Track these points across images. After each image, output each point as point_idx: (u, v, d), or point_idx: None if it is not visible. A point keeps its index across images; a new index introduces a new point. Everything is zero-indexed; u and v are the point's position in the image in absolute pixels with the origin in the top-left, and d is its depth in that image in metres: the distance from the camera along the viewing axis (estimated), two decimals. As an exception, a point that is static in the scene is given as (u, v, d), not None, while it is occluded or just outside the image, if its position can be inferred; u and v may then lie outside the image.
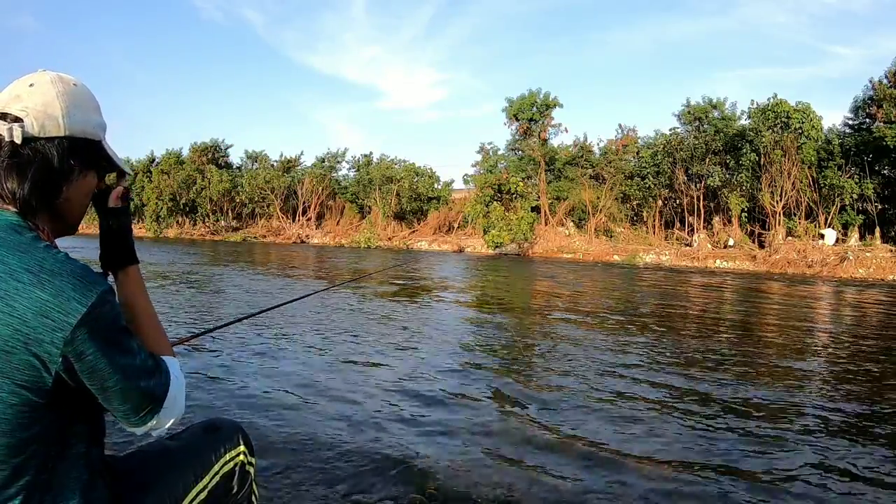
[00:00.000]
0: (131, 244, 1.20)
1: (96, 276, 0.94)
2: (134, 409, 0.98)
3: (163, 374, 1.04)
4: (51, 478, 0.93)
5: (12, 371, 0.86)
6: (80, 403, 0.95)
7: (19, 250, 0.90)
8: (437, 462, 2.94)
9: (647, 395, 4.28)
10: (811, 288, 14.90)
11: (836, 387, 4.74)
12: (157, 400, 1.01)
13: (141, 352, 1.00)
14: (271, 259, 19.63)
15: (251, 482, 1.38)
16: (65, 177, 1.00)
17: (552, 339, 6.47)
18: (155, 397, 1.01)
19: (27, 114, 0.96)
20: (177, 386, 1.07)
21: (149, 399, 1.00)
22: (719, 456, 3.16)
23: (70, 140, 0.99)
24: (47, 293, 0.87)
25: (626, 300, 10.97)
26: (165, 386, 1.03)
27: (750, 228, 25.54)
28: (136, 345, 0.99)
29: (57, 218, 1.02)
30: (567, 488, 2.71)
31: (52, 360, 0.87)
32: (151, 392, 1.00)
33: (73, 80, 1.04)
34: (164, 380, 1.03)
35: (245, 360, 4.98)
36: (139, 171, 39.89)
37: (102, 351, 0.91)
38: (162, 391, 1.02)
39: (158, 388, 1.02)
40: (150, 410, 1.01)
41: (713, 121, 27.78)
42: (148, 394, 0.99)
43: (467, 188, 34.07)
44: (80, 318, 0.88)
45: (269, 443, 3.06)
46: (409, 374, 4.70)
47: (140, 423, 1.01)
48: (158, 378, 1.02)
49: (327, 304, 8.51)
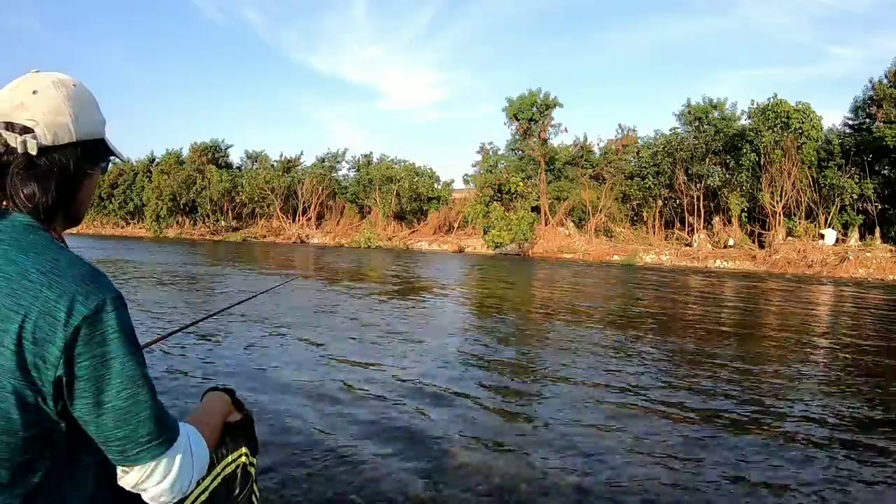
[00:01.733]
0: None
1: (106, 280, 0.93)
2: (133, 436, 0.89)
3: (168, 417, 0.95)
4: (58, 480, 0.92)
5: (19, 370, 0.86)
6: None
7: (34, 251, 0.90)
8: (438, 462, 2.94)
9: (647, 395, 4.28)
10: (811, 288, 14.89)
11: (836, 387, 4.73)
12: (166, 430, 0.93)
13: (144, 371, 0.93)
14: (271, 259, 19.63)
15: (252, 483, 1.38)
16: (79, 181, 1.01)
17: (552, 339, 6.47)
18: (163, 427, 0.93)
19: (37, 123, 0.94)
20: (195, 443, 1.01)
21: (154, 426, 0.91)
22: (719, 456, 3.16)
23: (82, 145, 0.99)
24: (54, 293, 0.87)
25: (626, 300, 10.97)
26: (176, 425, 0.96)
27: (750, 228, 25.52)
28: (141, 359, 0.93)
29: (68, 217, 1.03)
30: (568, 488, 2.71)
31: (53, 362, 0.86)
32: (159, 419, 0.92)
33: (71, 80, 1.03)
34: (173, 421, 0.96)
35: (245, 360, 4.98)
36: (139, 170, 39.88)
37: (103, 356, 0.88)
38: (173, 424, 0.95)
39: (169, 420, 0.94)
40: (153, 442, 0.91)
41: (713, 121, 27.77)
42: (155, 418, 0.91)
43: (467, 188, 34.04)
44: (81, 321, 0.87)
45: (270, 443, 3.06)
46: (408, 373, 4.70)
47: (138, 457, 0.90)
48: (166, 413, 0.95)
49: (327, 305, 8.51)
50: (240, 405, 1.39)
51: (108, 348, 0.89)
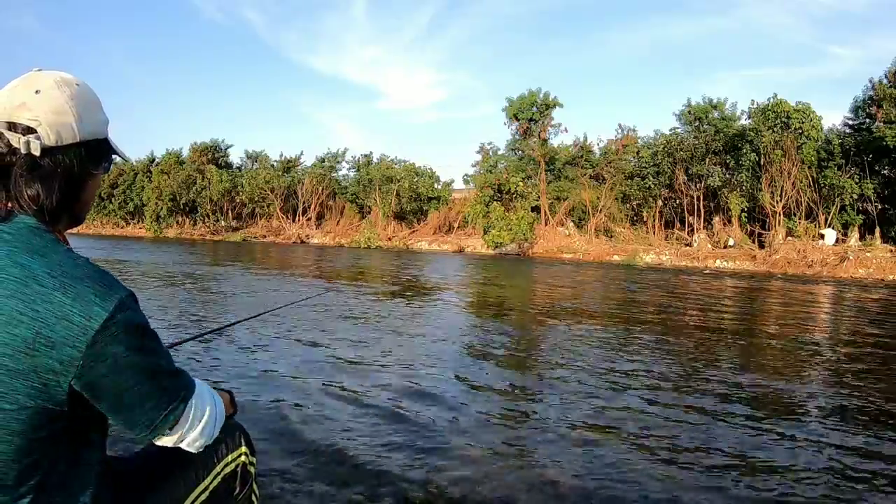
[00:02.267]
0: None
1: (117, 281, 0.94)
2: (154, 409, 0.97)
3: (187, 377, 1.04)
4: (61, 479, 0.93)
5: (31, 373, 0.86)
6: (93, 408, 0.94)
7: (40, 254, 0.90)
8: (438, 461, 2.94)
9: (647, 395, 4.28)
10: (811, 288, 14.90)
11: (836, 386, 4.73)
12: (181, 399, 1.01)
13: (165, 356, 1.00)
14: (271, 259, 19.63)
15: (252, 482, 1.39)
16: (83, 182, 1.01)
17: (552, 339, 6.47)
18: (178, 395, 1.00)
19: (39, 123, 0.93)
20: (205, 395, 1.08)
21: (171, 396, 0.99)
22: (720, 456, 3.16)
23: (85, 146, 0.99)
24: (69, 297, 0.87)
25: (626, 300, 10.97)
26: (190, 388, 1.04)
27: (750, 228, 25.53)
28: (159, 348, 0.99)
29: (71, 218, 1.02)
30: (568, 488, 2.71)
31: (71, 364, 0.87)
32: (175, 390, 1.00)
33: (74, 79, 1.02)
34: (188, 381, 1.04)
35: (244, 361, 4.98)
36: (139, 170, 39.89)
37: (124, 354, 0.91)
38: (186, 392, 1.02)
39: (182, 389, 1.01)
40: (172, 411, 0.99)
41: (713, 121, 27.78)
42: (171, 390, 0.99)
43: (467, 188, 34.06)
44: (102, 323, 0.88)
45: (270, 443, 3.06)
46: (409, 373, 4.70)
47: (161, 426, 0.99)
48: (183, 379, 1.03)
49: (326, 305, 8.52)
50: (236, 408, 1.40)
51: (127, 345, 0.92)
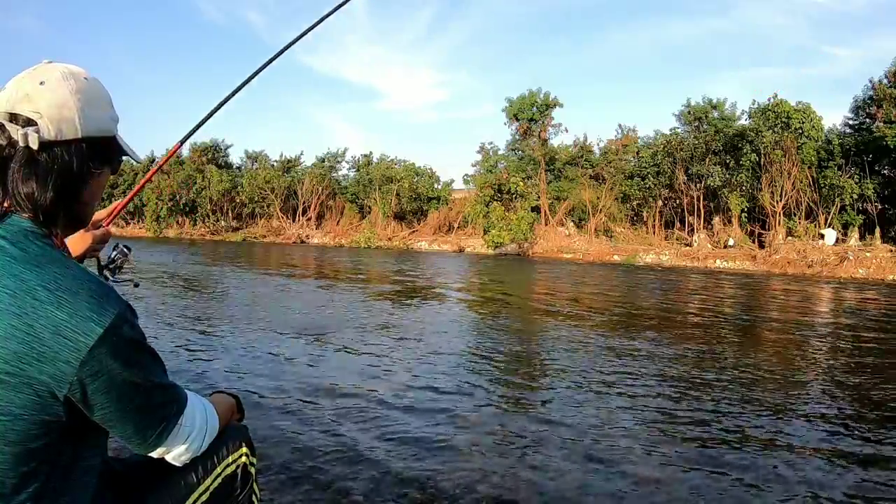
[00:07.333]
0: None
1: (114, 294, 0.91)
2: (146, 426, 0.97)
3: (179, 391, 1.04)
4: (61, 484, 0.92)
5: (25, 387, 0.85)
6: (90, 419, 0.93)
7: (34, 264, 0.87)
8: (438, 461, 2.94)
9: (647, 395, 4.28)
10: (811, 288, 14.89)
11: (837, 386, 4.73)
12: (173, 414, 1.01)
13: (159, 370, 0.99)
14: (271, 259, 19.62)
15: (252, 483, 1.38)
16: (84, 181, 0.97)
17: (552, 339, 6.47)
18: (170, 411, 1.00)
19: (40, 116, 0.90)
20: (196, 411, 1.08)
21: (163, 412, 0.99)
22: (720, 456, 3.16)
23: (88, 142, 0.95)
24: (64, 312, 0.85)
25: (626, 300, 10.97)
26: (182, 403, 1.03)
27: (750, 228, 25.51)
28: (153, 363, 0.98)
29: (72, 220, 0.99)
30: (568, 487, 2.71)
31: (65, 380, 0.85)
32: (166, 405, 0.99)
33: (83, 73, 0.98)
34: (180, 396, 1.03)
35: (244, 361, 4.98)
36: (139, 170, 39.85)
37: (118, 371, 0.89)
38: (178, 406, 1.02)
39: (173, 404, 1.01)
40: (164, 428, 0.99)
41: (713, 121, 27.79)
42: (163, 407, 0.99)
43: (467, 188, 34.03)
44: (97, 339, 0.86)
45: (271, 443, 3.06)
46: (409, 374, 4.70)
47: (155, 442, 0.99)
48: (175, 394, 1.02)
49: (327, 305, 8.51)
50: (243, 412, 1.41)
51: (122, 362, 0.90)
